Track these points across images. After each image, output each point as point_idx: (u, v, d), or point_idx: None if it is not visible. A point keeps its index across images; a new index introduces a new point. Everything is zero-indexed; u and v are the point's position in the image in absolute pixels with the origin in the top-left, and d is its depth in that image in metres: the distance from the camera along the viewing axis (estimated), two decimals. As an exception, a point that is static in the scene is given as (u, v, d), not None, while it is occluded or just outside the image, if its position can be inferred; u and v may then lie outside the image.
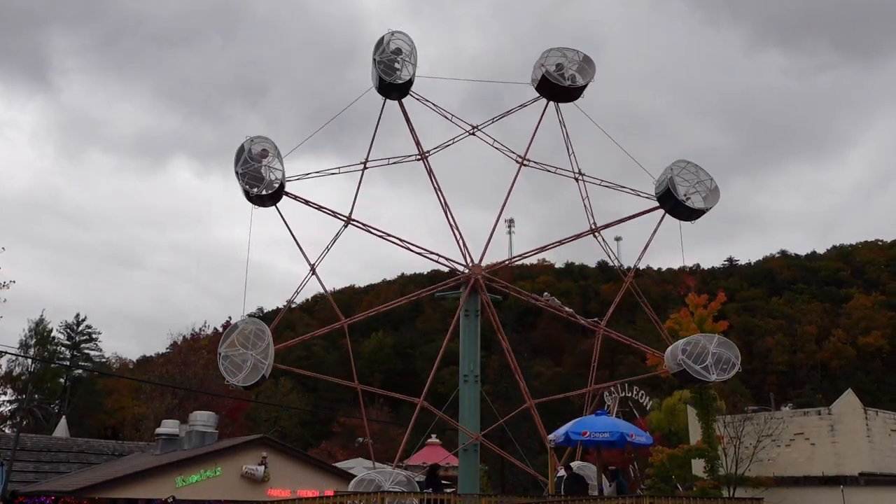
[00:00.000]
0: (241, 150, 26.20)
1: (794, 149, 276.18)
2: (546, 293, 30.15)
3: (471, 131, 29.86)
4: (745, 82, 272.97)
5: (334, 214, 28.27)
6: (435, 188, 29.17)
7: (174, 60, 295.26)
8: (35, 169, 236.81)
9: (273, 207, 26.91)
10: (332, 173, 28.39)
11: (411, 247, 29.07)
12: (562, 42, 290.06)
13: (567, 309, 30.75)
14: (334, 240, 28.30)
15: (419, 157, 29.20)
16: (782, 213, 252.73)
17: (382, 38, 28.05)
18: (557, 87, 29.08)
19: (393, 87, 27.89)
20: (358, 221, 28.40)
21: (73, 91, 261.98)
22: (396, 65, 27.83)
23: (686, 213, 28.89)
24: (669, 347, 27.15)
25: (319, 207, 28.16)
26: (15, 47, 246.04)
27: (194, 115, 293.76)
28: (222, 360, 24.05)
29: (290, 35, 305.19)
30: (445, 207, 29.18)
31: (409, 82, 28.21)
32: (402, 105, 28.89)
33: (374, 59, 27.61)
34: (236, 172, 25.85)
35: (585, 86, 29.31)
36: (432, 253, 29.52)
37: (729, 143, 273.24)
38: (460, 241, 29.08)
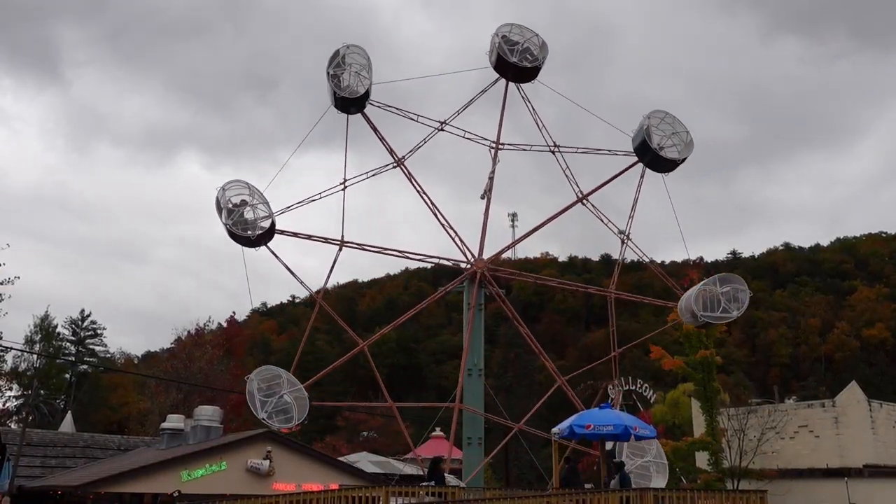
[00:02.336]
0: (217, 202, 26.22)
1: (805, 139, 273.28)
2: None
3: (439, 128, 29.96)
4: (759, 71, 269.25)
5: (326, 241, 28.46)
6: (418, 191, 29.34)
7: (184, 53, 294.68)
8: (43, 163, 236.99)
9: (265, 246, 27.11)
10: (314, 200, 28.37)
11: (409, 255, 29.40)
12: (576, 30, 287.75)
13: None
14: (333, 265, 29.03)
15: (395, 164, 29.25)
16: (790, 204, 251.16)
17: (337, 52, 27.86)
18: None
19: (348, 101, 27.73)
20: (351, 243, 28.64)
21: (82, 84, 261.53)
22: (346, 79, 27.59)
23: (661, 163, 28.97)
24: (682, 300, 27.45)
25: (310, 237, 28.40)
26: (26, 40, 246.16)
27: (204, 107, 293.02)
28: (270, 421, 24.35)
29: (300, 27, 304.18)
30: (433, 208, 29.25)
31: (365, 95, 27.94)
32: (366, 116, 28.86)
33: (328, 73, 27.50)
34: (225, 225, 25.84)
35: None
36: (432, 257, 29.80)
37: (741, 133, 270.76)
38: (456, 239, 29.17)
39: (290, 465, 31.45)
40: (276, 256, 27.09)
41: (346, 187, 28.09)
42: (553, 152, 30.15)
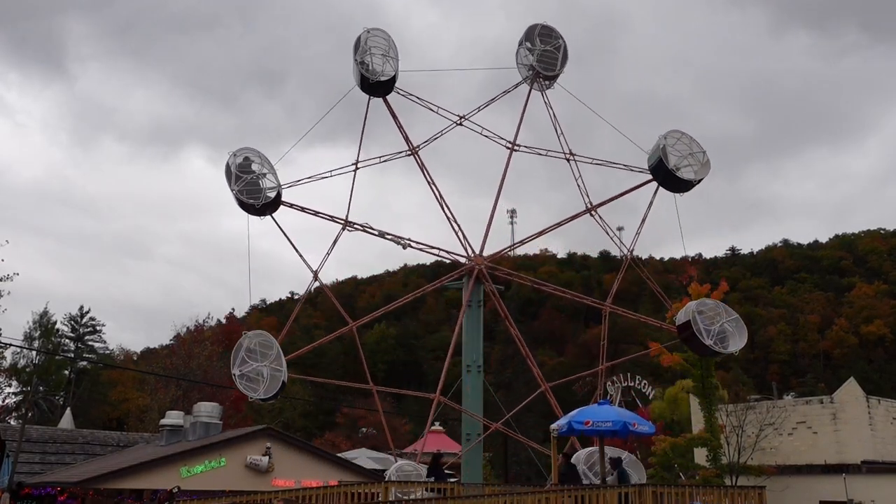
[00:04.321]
0: (227, 168, 26.15)
1: (813, 134, 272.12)
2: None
3: (458, 122, 29.76)
4: (768, 65, 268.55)
5: (331, 219, 28.30)
6: (428, 182, 29.11)
7: (191, 47, 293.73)
8: (47, 158, 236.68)
9: (270, 217, 26.88)
10: (324, 177, 28.27)
11: (411, 244, 29.01)
12: (584, 25, 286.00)
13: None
14: (333, 244, 28.41)
15: (409, 152, 29.09)
16: (795, 201, 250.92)
17: (359, 38, 27.66)
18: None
19: (378, 85, 27.58)
20: (355, 224, 28.40)
21: (88, 78, 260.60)
22: (374, 62, 27.45)
23: (676, 183, 28.81)
24: (689, 302, 27.26)
25: (316, 213, 28.19)
26: (32, 35, 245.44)
27: (211, 102, 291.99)
28: (239, 380, 24.02)
29: (309, 20, 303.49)
30: (441, 201, 29.11)
31: (393, 79, 27.85)
32: (387, 102, 28.69)
33: (356, 60, 27.36)
34: (232, 191, 25.81)
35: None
36: (432, 247, 29.56)
37: (748, 129, 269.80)
38: (459, 233, 29.04)
39: (290, 461, 31.52)
40: (280, 228, 27.05)
41: (357, 169, 28.12)
42: (568, 160, 29.87)
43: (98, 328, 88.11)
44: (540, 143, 30.58)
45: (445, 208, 29.06)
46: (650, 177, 29.21)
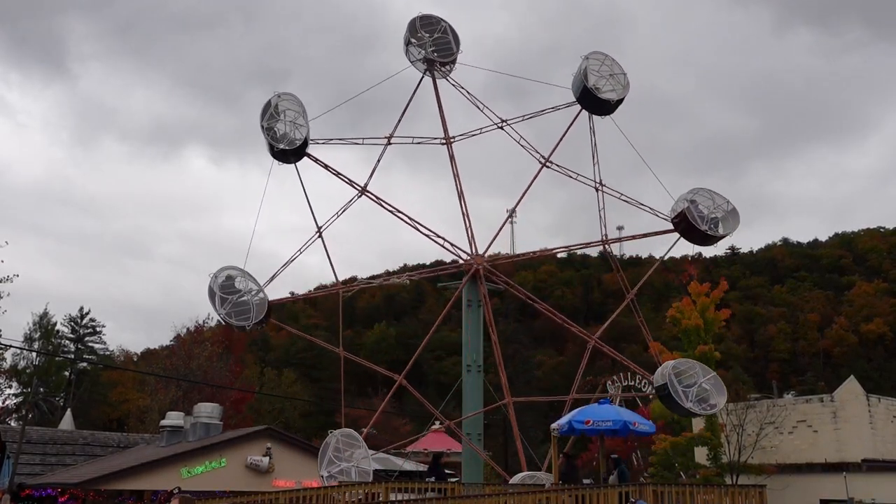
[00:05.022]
0: (267, 104, 26.50)
1: (815, 132, 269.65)
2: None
3: (500, 125, 29.45)
4: (770, 63, 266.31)
5: (351, 183, 28.23)
6: (454, 174, 28.95)
7: (193, 46, 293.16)
8: (48, 158, 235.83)
9: (293, 166, 27.06)
10: (356, 143, 28.56)
11: (419, 226, 28.77)
12: (587, 22, 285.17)
13: None
14: (345, 207, 28.16)
15: (444, 141, 29.05)
16: (797, 199, 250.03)
17: (269, 102, 27.05)
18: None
19: (287, 153, 26.85)
20: (372, 194, 28.34)
21: (89, 78, 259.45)
22: (280, 128, 26.87)
23: (598, 105, 28.74)
24: (665, 362, 26.62)
25: (338, 174, 28.18)
26: (33, 34, 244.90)
27: (212, 101, 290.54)
28: (229, 318, 24.11)
29: (312, 18, 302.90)
30: (461, 196, 28.97)
31: (304, 143, 27.09)
32: (436, 87, 28.99)
33: (262, 126, 26.60)
34: (262, 126, 26.05)
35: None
36: (438, 236, 29.15)
37: (751, 127, 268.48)
38: (469, 230, 28.88)
39: (290, 461, 31.54)
40: (299, 176, 27.60)
41: (389, 143, 28.30)
42: (597, 189, 29.03)
43: (98, 329, 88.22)
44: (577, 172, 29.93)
45: (463, 203, 28.92)
46: (671, 227, 28.22)
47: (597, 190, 29.13)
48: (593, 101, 28.71)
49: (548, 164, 29.40)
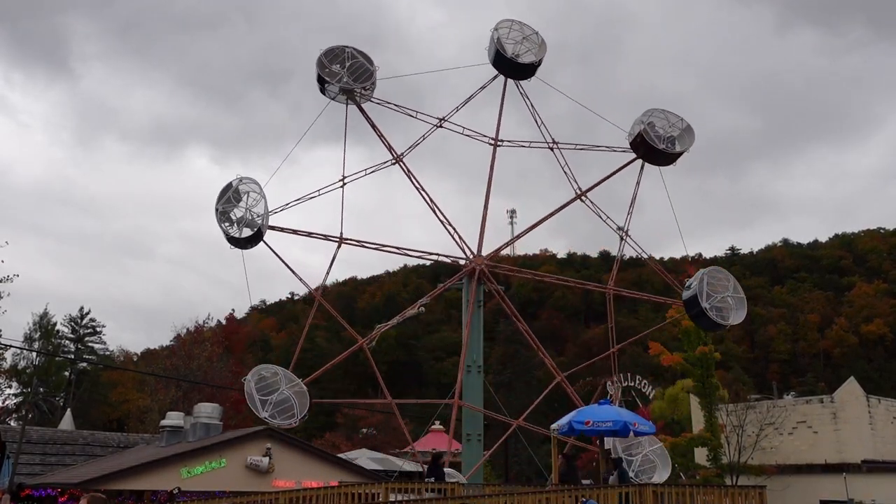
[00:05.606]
0: (227, 187, 26.10)
1: (816, 132, 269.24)
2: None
3: (438, 124, 29.81)
4: (773, 62, 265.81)
5: (325, 238, 28.40)
6: (417, 188, 29.13)
7: (195, 45, 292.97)
8: (49, 157, 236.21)
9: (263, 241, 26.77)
10: (312, 197, 28.14)
11: (408, 252, 29.35)
12: (589, 21, 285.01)
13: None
14: (332, 262, 28.75)
15: (394, 160, 29.11)
16: (798, 199, 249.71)
17: (230, 184, 26.49)
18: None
19: (244, 240, 26.54)
20: (350, 240, 28.52)
21: (91, 77, 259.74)
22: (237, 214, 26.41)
23: (520, 70, 29.13)
24: (694, 277, 27.63)
25: (309, 234, 28.28)
26: (36, 34, 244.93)
27: (214, 101, 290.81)
28: (270, 419, 24.24)
29: (314, 18, 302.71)
30: (433, 205, 29.11)
31: (259, 233, 26.60)
32: (363, 111, 28.68)
33: (217, 210, 26.08)
34: (216, 210, 25.68)
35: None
36: (431, 254, 29.76)
37: (753, 126, 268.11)
38: (455, 236, 29.09)
39: (290, 461, 31.50)
40: (276, 253, 27.03)
41: (344, 184, 28.07)
42: (552, 149, 30.05)
43: (98, 329, 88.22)
44: (529, 140, 30.46)
45: (438, 212, 29.10)
46: (634, 155, 29.41)
47: (552, 149, 30.05)
48: (514, 68, 29.27)
49: (497, 143, 30.08)
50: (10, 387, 67.59)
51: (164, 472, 28.58)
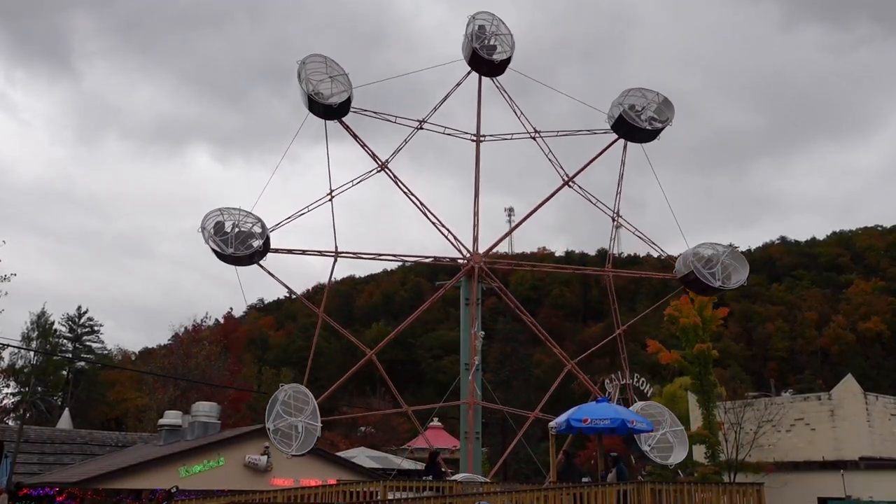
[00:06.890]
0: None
1: (820, 129, 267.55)
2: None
3: (417, 127, 29.70)
4: (779, 59, 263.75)
5: (321, 254, 28.42)
6: (405, 192, 29.00)
7: (199, 43, 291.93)
8: (51, 156, 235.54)
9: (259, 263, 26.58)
10: (302, 214, 27.87)
11: (405, 258, 29.28)
12: (594, 19, 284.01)
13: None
14: (330, 277, 29.21)
15: (379, 168, 29.02)
16: (801, 197, 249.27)
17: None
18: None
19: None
20: (345, 253, 28.54)
21: (94, 75, 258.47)
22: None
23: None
24: (684, 251, 27.52)
25: (304, 252, 28.33)
26: (38, 31, 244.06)
27: (217, 99, 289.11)
28: (273, 434, 23.76)
29: (318, 16, 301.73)
30: (423, 208, 28.97)
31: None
32: (343, 123, 28.25)
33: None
34: (201, 230, 25.60)
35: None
36: (427, 257, 29.72)
37: (758, 124, 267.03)
38: (450, 236, 29.06)
39: (288, 460, 31.52)
40: (273, 275, 27.14)
41: (332, 198, 27.99)
42: (534, 138, 30.05)
43: (96, 328, 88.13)
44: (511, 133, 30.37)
45: (429, 214, 29.00)
46: (615, 136, 29.26)
47: (535, 139, 30.08)
48: (489, 66, 29.33)
49: (480, 139, 29.99)
50: (7, 386, 67.60)
51: (162, 471, 28.60)
